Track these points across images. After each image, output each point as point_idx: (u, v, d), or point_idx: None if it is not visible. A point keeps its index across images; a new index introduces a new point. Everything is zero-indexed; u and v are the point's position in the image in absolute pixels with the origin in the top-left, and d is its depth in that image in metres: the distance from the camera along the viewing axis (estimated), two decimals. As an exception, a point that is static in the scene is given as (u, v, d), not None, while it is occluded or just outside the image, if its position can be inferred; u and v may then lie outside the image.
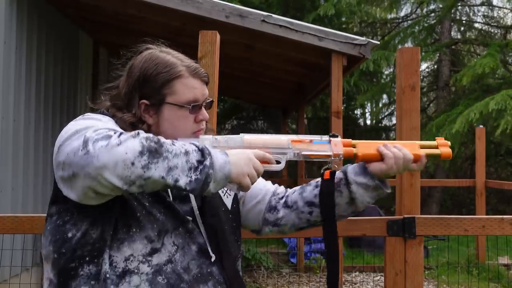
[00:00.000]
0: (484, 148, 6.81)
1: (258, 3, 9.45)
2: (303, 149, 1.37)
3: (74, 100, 5.84)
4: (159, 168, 1.11)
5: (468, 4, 12.78)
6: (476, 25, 13.08)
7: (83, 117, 1.27)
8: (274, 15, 4.30)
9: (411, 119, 2.35)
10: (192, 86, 1.37)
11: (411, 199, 2.33)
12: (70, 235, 1.23)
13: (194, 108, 1.37)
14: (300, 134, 1.41)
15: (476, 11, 13.13)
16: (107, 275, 1.21)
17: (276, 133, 1.51)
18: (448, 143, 1.49)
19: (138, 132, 1.14)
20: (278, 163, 1.36)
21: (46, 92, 5.02)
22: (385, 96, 12.61)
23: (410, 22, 12.42)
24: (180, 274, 1.26)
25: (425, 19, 11.87)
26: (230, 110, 11.38)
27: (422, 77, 13.22)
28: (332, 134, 1.42)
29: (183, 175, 1.14)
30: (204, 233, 1.34)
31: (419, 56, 2.41)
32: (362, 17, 12.16)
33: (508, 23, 13.69)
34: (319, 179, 1.50)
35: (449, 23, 11.86)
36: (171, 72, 1.35)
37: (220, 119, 10.83)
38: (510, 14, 13.91)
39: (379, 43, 9.06)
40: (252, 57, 5.74)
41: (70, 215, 1.24)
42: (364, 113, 14.82)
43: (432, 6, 12.11)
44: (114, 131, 1.14)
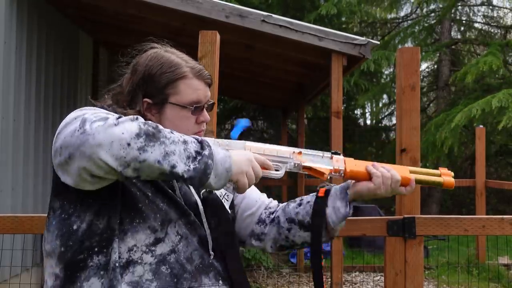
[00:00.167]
0: (484, 148, 6.80)
1: (258, 3, 9.44)
2: (303, 161, 1.38)
3: (74, 100, 5.85)
4: (155, 151, 1.10)
5: (468, 4, 12.79)
6: (476, 25, 13.08)
7: (83, 107, 1.26)
8: (274, 15, 4.30)
9: (411, 119, 2.35)
10: (196, 88, 1.38)
11: (411, 199, 2.33)
12: (75, 227, 1.23)
13: (196, 110, 1.37)
14: (302, 148, 1.42)
15: (476, 11, 13.14)
16: (116, 264, 1.21)
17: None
18: (451, 173, 1.50)
19: (137, 117, 1.14)
20: (277, 171, 1.37)
21: (46, 92, 5.03)
22: (385, 96, 12.62)
23: (410, 22, 12.42)
24: (183, 264, 1.26)
25: (425, 19, 11.87)
26: (230, 110, 11.37)
27: (422, 77, 13.23)
28: (334, 151, 1.43)
29: (181, 163, 1.13)
30: (207, 227, 1.35)
31: (419, 56, 2.41)
32: (362, 17, 12.16)
33: (508, 23, 13.69)
34: (304, 197, 1.53)
35: (449, 23, 11.86)
36: (175, 72, 1.36)
37: (220, 119, 10.83)
38: (510, 14, 13.92)
39: (379, 43, 9.07)
40: (252, 57, 5.74)
41: (73, 207, 1.24)
42: (364, 113, 14.82)
43: (432, 6, 12.11)
44: (113, 114, 1.14)
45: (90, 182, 1.14)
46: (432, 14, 12.09)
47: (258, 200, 1.57)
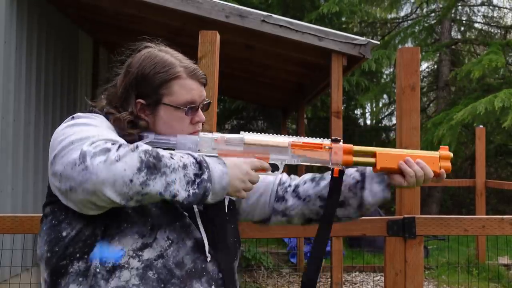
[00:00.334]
0: (484, 148, 6.80)
1: (258, 3, 9.44)
2: (302, 154, 1.37)
3: (74, 99, 5.85)
4: (157, 184, 1.12)
5: (468, 4, 12.79)
6: (476, 25, 13.08)
7: (75, 121, 1.24)
8: (274, 15, 4.30)
9: (411, 119, 2.35)
10: (190, 88, 1.36)
11: (411, 199, 2.33)
12: (64, 233, 1.23)
13: (191, 110, 1.36)
14: (301, 136, 1.40)
15: (476, 11, 13.15)
16: (97, 270, 1.20)
17: (276, 133, 1.49)
18: (450, 154, 1.46)
19: (137, 145, 1.14)
20: (275, 166, 1.36)
21: (46, 90, 5.03)
22: (385, 96, 12.62)
23: (410, 22, 12.42)
24: (171, 270, 1.24)
25: (425, 19, 11.87)
26: (230, 110, 11.37)
27: (422, 77, 13.23)
28: (334, 138, 1.41)
29: (182, 190, 1.15)
30: (203, 229, 1.33)
31: (419, 56, 2.41)
32: (362, 17, 12.15)
33: (508, 23, 13.69)
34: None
35: (449, 23, 11.86)
36: (169, 72, 1.34)
37: (220, 119, 10.82)
38: (510, 14, 13.92)
39: (379, 43, 9.06)
40: (252, 57, 5.74)
41: (65, 214, 1.23)
42: (364, 113, 14.82)
43: (432, 6, 12.11)
44: (112, 142, 1.14)
45: (93, 209, 1.16)
46: (432, 14, 12.10)
47: (264, 180, 1.55)
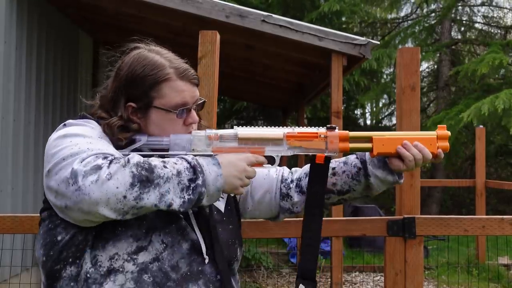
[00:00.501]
0: (484, 148, 6.80)
1: (258, 3, 9.45)
2: (298, 145, 1.34)
3: (74, 99, 5.85)
4: (151, 197, 1.13)
5: (468, 4, 12.79)
6: (476, 25, 13.08)
7: (67, 131, 1.24)
8: (274, 15, 4.30)
9: (411, 119, 2.35)
10: (181, 89, 1.33)
11: (411, 199, 2.33)
12: (59, 238, 1.23)
13: (182, 113, 1.34)
14: (296, 127, 1.37)
15: (476, 11, 13.15)
16: (88, 275, 1.20)
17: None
18: (448, 133, 1.43)
19: (128, 160, 1.14)
20: (272, 158, 1.34)
21: (46, 90, 5.03)
22: (385, 96, 12.62)
23: (410, 22, 12.42)
24: (167, 273, 1.24)
25: (425, 19, 11.87)
26: (230, 110, 11.38)
27: (422, 77, 13.22)
28: (329, 126, 1.37)
29: (176, 198, 1.16)
30: (198, 231, 1.31)
31: (419, 56, 2.41)
32: (362, 17, 12.15)
33: (508, 23, 13.69)
34: (337, 163, 1.48)
35: (449, 23, 11.86)
36: (158, 74, 1.32)
37: (220, 119, 10.82)
38: (510, 14, 13.93)
39: (379, 43, 9.07)
40: (252, 57, 5.74)
41: (61, 218, 1.23)
42: (364, 113, 14.83)
43: (432, 6, 12.11)
44: (103, 156, 1.14)
45: (90, 224, 1.18)
46: (432, 14, 12.10)
47: (267, 177, 1.53)
